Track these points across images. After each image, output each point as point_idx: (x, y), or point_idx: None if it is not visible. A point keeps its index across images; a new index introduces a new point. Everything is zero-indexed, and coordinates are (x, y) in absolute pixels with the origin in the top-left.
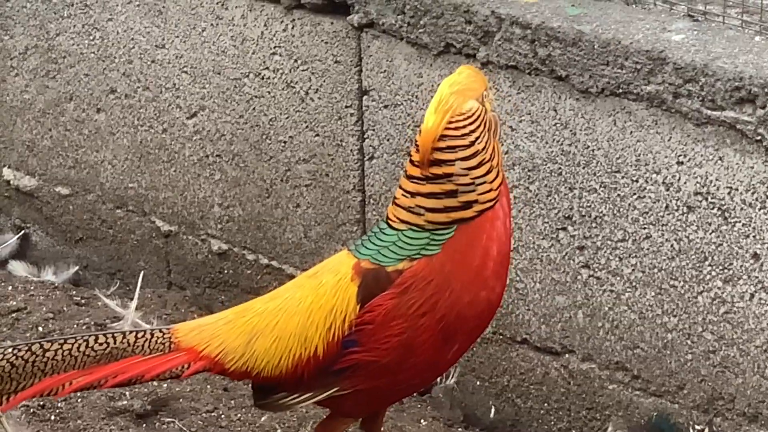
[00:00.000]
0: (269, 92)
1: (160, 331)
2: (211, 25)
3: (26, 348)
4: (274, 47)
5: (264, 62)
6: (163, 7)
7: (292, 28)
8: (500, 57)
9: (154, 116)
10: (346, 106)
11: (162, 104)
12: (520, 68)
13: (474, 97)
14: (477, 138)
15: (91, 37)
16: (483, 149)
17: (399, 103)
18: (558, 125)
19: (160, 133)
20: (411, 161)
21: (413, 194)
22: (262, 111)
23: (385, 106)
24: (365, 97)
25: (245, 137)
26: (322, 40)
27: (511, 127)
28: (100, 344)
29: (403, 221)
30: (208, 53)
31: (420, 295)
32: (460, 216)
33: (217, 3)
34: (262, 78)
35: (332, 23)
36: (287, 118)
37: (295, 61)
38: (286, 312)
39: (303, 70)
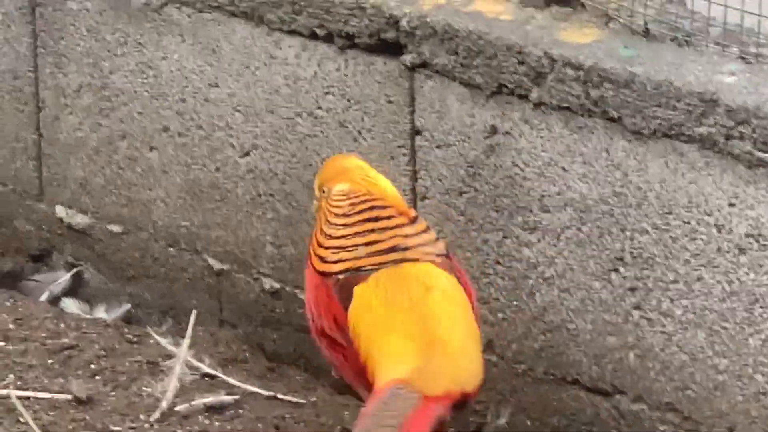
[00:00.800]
0: (322, 132)
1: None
2: (265, 64)
3: None
4: (327, 87)
5: (317, 101)
6: (217, 46)
7: (346, 67)
8: (552, 98)
9: (207, 155)
10: (399, 146)
11: (215, 143)
12: (573, 109)
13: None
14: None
15: (145, 76)
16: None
17: (452, 143)
18: (610, 166)
19: (212, 171)
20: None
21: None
22: (315, 150)
23: (438, 146)
24: (418, 137)
25: (298, 176)
26: (375, 80)
27: (563, 168)
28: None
29: None
30: (262, 92)
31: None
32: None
33: (271, 42)
34: (315, 117)
35: (385, 63)
36: None
37: (348, 100)
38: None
39: (356, 110)
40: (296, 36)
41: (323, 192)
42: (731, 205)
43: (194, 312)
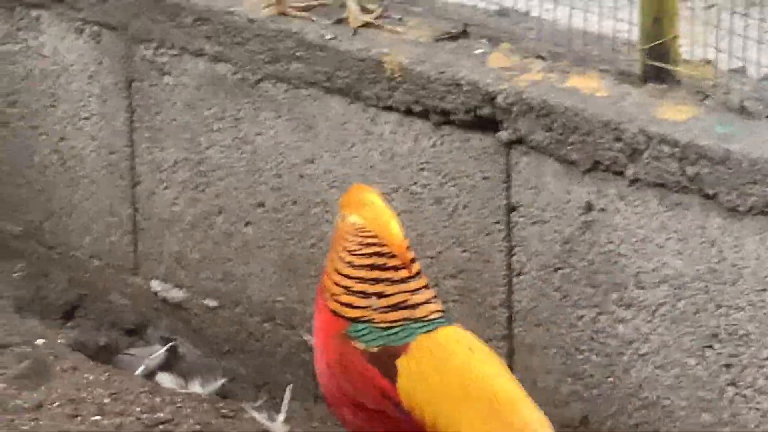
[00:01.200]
0: (418, 207)
1: None
2: (361, 140)
3: None
4: (423, 163)
5: (413, 177)
6: (313, 122)
7: (441, 144)
8: (648, 174)
9: (303, 230)
10: (494, 222)
11: (311, 218)
12: (668, 186)
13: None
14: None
15: (241, 151)
16: None
17: (547, 219)
18: (705, 243)
19: (308, 247)
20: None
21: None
22: (411, 226)
23: (534, 223)
24: (513, 213)
25: None
26: (471, 156)
27: (658, 244)
28: None
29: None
30: (358, 168)
31: None
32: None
33: (367, 119)
34: (411, 193)
35: (481, 139)
36: (435, 233)
37: (444, 176)
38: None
39: (451, 186)
40: (392, 112)
41: (342, 216)
42: None
43: (289, 387)
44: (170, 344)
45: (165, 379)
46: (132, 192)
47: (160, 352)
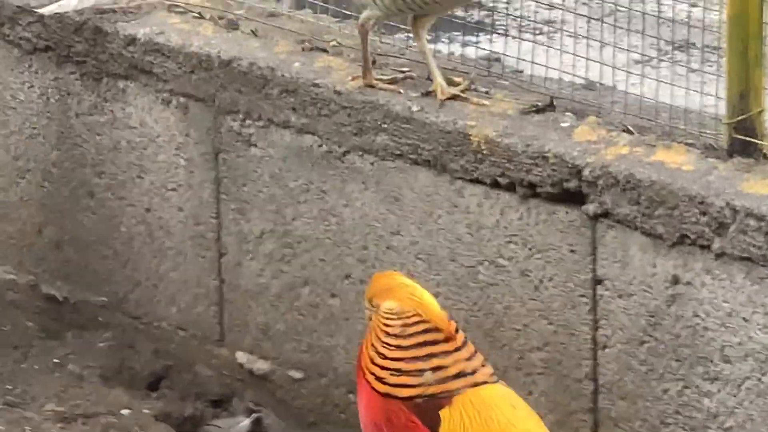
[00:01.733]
0: (503, 280)
1: None
2: (447, 212)
3: None
4: (509, 235)
5: (499, 250)
6: (400, 194)
7: (528, 216)
8: (734, 248)
9: None
10: (580, 295)
11: None
12: (754, 260)
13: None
14: None
15: (327, 223)
16: None
17: (633, 292)
18: None
19: None
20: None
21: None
22: (497, 299)
23: (619, 296)
24: (599, 287)
25: (479, 324)
26: (557, 229)
27: (744, 318)
28: None
29: None
30: (444, 240)
31: None
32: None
33: (453, 191)
34: (497, 266)
35: (567, 212)
36: (521, 306)
37: (530, 249)
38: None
39: (537, 258)
40: (478, 185)
41: (372, 307)
42: None
43: None
44: (255, 415)
45: None
46: (218, 263)
47: (245, 423)
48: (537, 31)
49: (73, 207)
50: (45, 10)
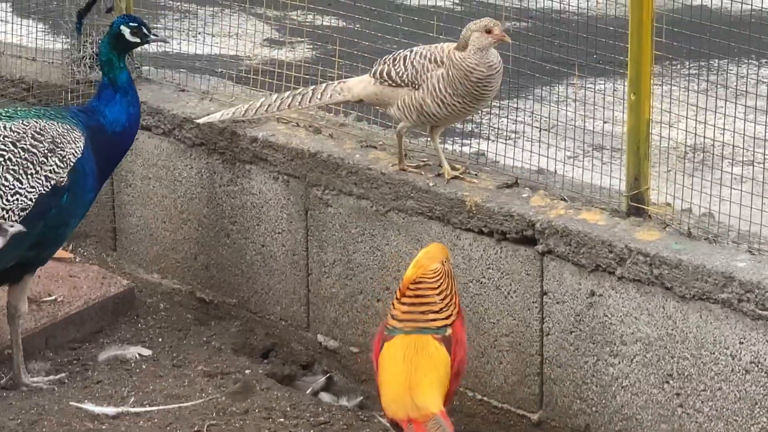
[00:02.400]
0: (485, 292)
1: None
2: (450, 249)
3: None
4: (489, 264)
5: (483, 273)
6: (420, 237)
7: (501, 252)
8: (630, 273)
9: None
10: (533, 302)
11: None
12: (642, 281)
13: (437, 261)
14: (441, 283)
15: (374, 256)
16: (443, 291)
17: (566, 300)
18: (665, 317)
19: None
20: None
21: (396, 311)
22: (481, 303)
23: (557, 302)
24: (545, 296)
25: (469, 318)
26: (519, 261)
27: (635, 317)
28: None
29: (392, 325)
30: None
31: (459, 337)
32: (427, 326)
33: (454, 236)
34: (481, 284)
35: (525, 250)
36: (495, 309)
37: (502, 273)
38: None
39: (507, 279)
40: (470, 232)
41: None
42: (741, 343)
43: None
44: (328, 375)
45: (325, 397)
46: (306, 279)
47: (322, 380)
48: (507, 137)
49: (216, 243)
50: (200, 121)
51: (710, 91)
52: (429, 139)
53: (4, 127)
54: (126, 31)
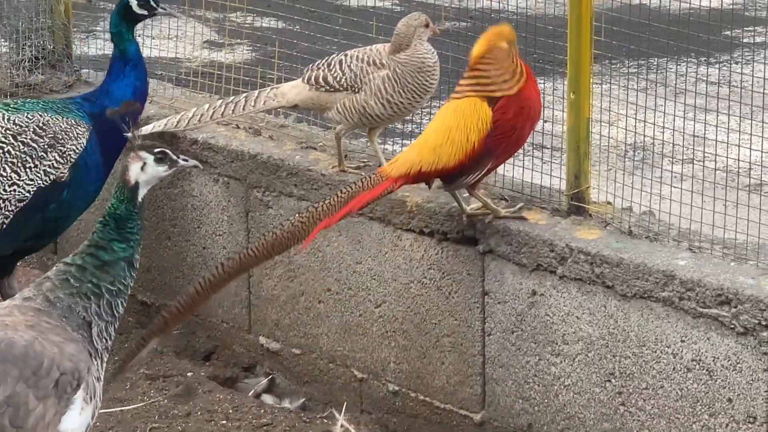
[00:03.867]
0: (426, 293)
1: (374, 173)
2: (391, 250)
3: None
4: (431, 264)
5: (424, 273)
6: (361, 238)
7: (442, 252)
8: (571, 272)
9: (354, 305)
10: (474, 302)
11: (359, 298)
12: (583, 280)
13: (506, 41)
14: (503, 61)
15: (315, 256)
16: (507, 67)
17: (507, 300)
18: (606, 316)
19: (357, 315)
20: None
21: (462, 84)
22: (421, 303)
23: (498, 302)
24: (486, 297)
25: (411, 320)
26: (461, 261)
27: (576, 317)
28: (343, 193)
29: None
30: (389, 267)
31: (518, 98)
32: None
33: (395, 236)
34: (422, 285)
35: (466, 250)
36: (437, 309)
37: (443, 273)
38: (448, 129)
39: (448, 278)
40: (411, 232)
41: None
42: (682, 341)
43: (344, 405)
44: (270, 376)
45: (267, 399)
46: (248, 281)
47: (264, 382)
48: None
49: (157, 246)
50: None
51: (650, 90)
52: (368, 140)
53: (8, 120)
54: (134, 2)
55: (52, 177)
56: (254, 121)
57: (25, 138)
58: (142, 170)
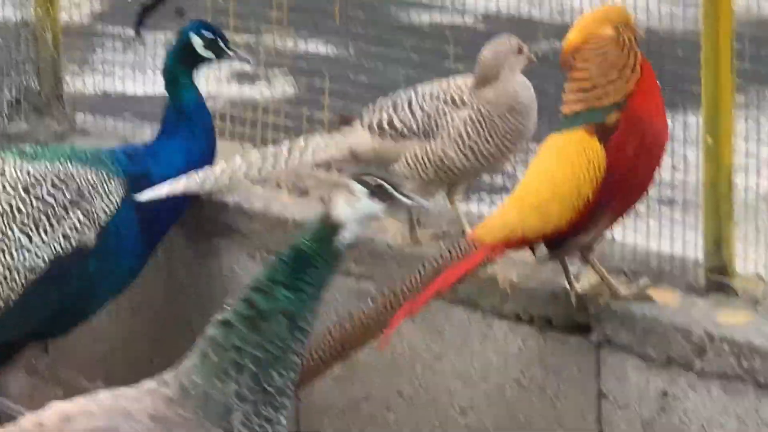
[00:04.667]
0: (527, 397)
1: (462, 240)
2: (479, 342)
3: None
4: (531, 359)
5: (522, 371)
6: (441, 327)
7: (545, 343)
8: (712, 367)
9: (431, 414)
10: (589, 406)
11: (439, 405)
12: (728, 376)
13: (610, 25)
14: (607, 54)
15: (384, 352)
16: (614, 61)
17: (630, 404)
18: (760, 423)
19: (435, 426)
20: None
21: (565, 91)
22: (521, 411)
23: (619, 407)
24: (603, 399)
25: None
26: (569, 354)
27: (721, 424)
28: (427, 269)
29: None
30: (477, 364)
31: (638, 126)
32: (594, 105)
33: (486, 325)
34: (520, 385)
35: (577, 340)
36: (542, 417)
37: (546, 370)
38: (552, 181)
39: (553, 377)
40: (504, 319)
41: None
42: None
43: None
44: None
45: None
46: None
47: None
48: None
49: (177, 340)
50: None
51: None
52: (447, 199)
53: (21, 169)
54: (198, 42)
55: (74, 242)
56: (300, 177)
57: (40, 192)
58: (350, 206)
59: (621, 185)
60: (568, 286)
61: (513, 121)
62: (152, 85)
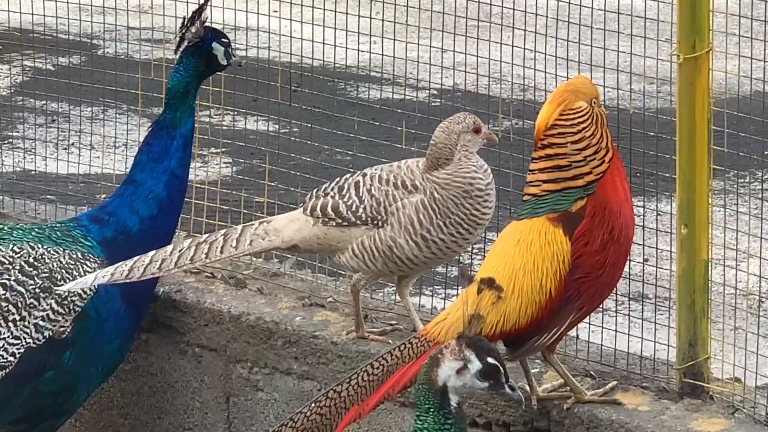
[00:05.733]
0: None
1: (414, 338)
2: None
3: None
4: None
5: None
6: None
7: None
8: None
9: None
10: None
11: None
12: None
13: (584, 99)
14: (584, 128)
15: None
16: (590, 136)
17: None
18: None
19: None
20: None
21: (533, 171)
22: None
23: None
24: None
25: None
26: None
27: None
28: (376, 369)
29: (529, 194)
30: None
31: (606, 215)
32: (570, 185)
33: None
34: None
35: None
36: None
37: None
38: (513, 274)
39: None
40: None
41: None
42: None
43: None
44: None
45: None
46: None
47: None
48: None
49: None
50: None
51: None
52: (396, 292)
53: None
54: (220, 50)
55: (47, 333)
56: (236, 267)
57: (8, 279)
58: (458, 374)
59: (587, 280)
60: (528, 389)
61: (468, 206)
62: (77, 163)
